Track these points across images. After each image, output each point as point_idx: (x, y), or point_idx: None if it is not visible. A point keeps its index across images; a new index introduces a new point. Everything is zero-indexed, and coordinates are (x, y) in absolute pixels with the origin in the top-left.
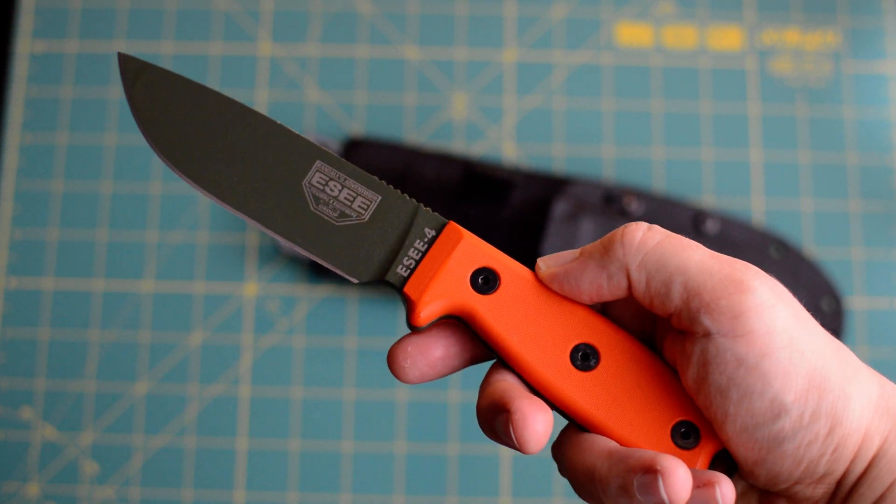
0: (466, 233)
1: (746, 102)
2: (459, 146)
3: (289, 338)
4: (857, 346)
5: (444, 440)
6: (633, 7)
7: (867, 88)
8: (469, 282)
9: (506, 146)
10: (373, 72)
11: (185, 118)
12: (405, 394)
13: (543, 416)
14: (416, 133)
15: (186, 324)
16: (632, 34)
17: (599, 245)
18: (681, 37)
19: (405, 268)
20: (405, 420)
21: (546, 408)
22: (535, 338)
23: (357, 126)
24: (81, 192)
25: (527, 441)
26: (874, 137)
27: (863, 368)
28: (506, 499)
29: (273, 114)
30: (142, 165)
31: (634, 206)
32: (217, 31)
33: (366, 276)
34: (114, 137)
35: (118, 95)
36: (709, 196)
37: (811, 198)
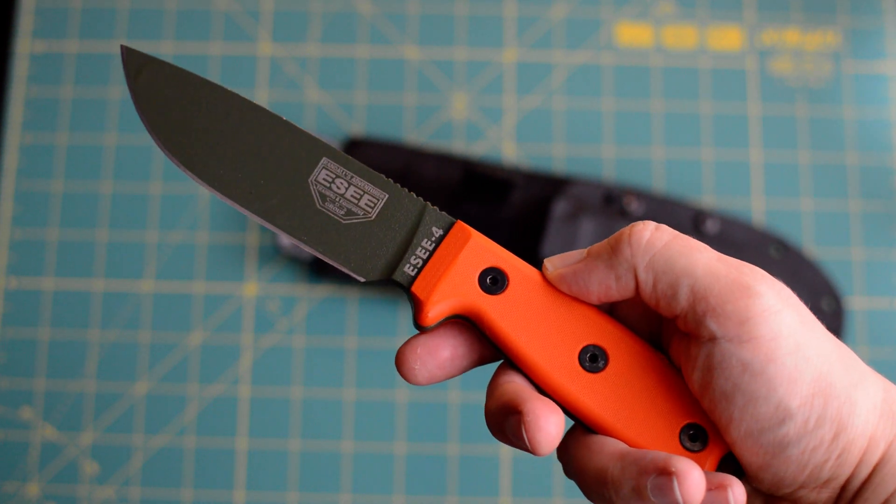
0: (474, 232)
1: (746, 102)
2: (459, 146)
3: (289, 338)
4: (857, 346)
5: (444, 440)
6: (633, 7)
7: (867, 88)
8: (477, 282)
9: (506, 146)
10: (373, 72)
11: (189, 112)
12: (405, 394)
13: (556, 418)
14: (416, 133)
15: (186, 324)
16: (632, 34)
17: (607, 245)
18: (681, 37)
19: (413, 267)
20: (405, 420)
21: (557, 409)
22: (544, 339)
23: (357, 126)
24: (81, 192)
25: (539, 443)
26: (874, 137)
27: (868, 373)
28: (506, 499)
29: None
30: (142, 165)
31: (634, 206)
32: (217, 31)
33: (373, 275)
34: (114, 137)
35: (118, 95)
36: (709, 196)
37: (811, 198)
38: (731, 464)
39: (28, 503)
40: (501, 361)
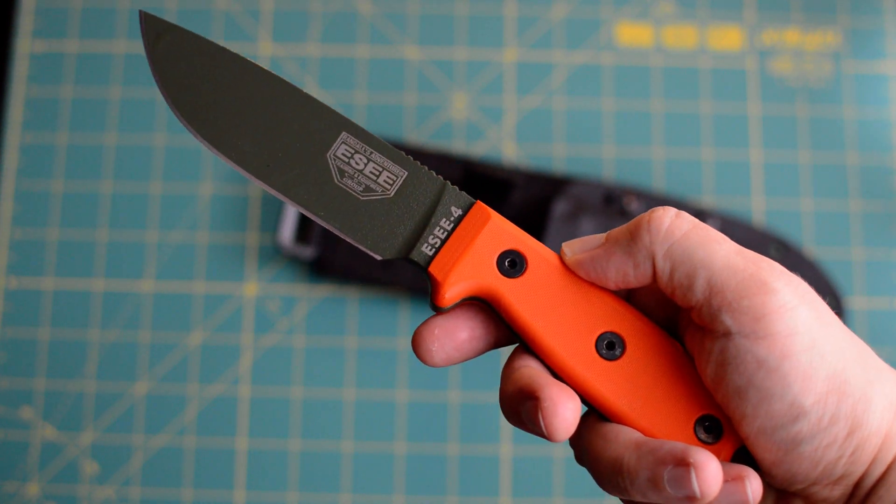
0: (494, 213)
1: (746, 102)
2: (459, 146)
3: (289, 338)
4: None
5: (444, 440)
6: (633, 7)
7: (867, 88)
8: (496, 264)
9: (506, 146)
10: (373, 72)
11: (208, 81)
12: (405, 394)
13: (573, 404)
14: (416, 133)
15: (186, 324)
16: (632, 34)
17: (626, 231)
18: (681, 37)
19: (430, 247)
20: (405, 420)
21: (574, 395)
22: (561, 324)
23: None
24: (81, 192)
25: (556, 429)
26: (874, 137)
27: (885, 370)
28: (506, 499)
29: None
30: (142, 165)
31: (634, 206)
32: (217, 31)
33: (389, 253)
34: (114, 137)
35: (118, 95)
36: (709, 196)
37: (811, 198)
38: (745, 457)
39: (28, 503)
40: (517, 345)
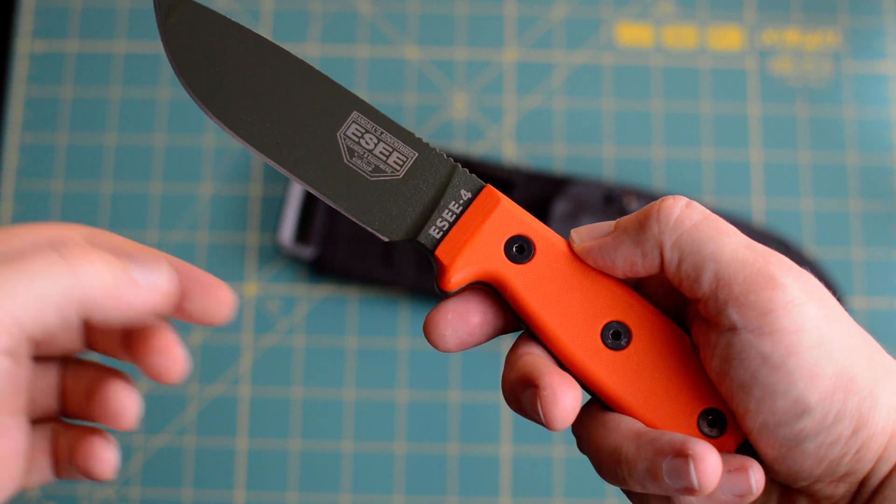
0: (503, 198)
1: (746, 102)
2: (459, 146)
3: (289, 338)
4: None
5: (444, 440)
6: (633, 7)
7: (867, 88)
8: (503, 250)
9: (506, 146)
10: (373, 72)
11: (220, 57)
12: (405, 394)
13: (573, 394)
14: (416, 133)
15: (186, 323)
16: (632, 34)
17: (635, 220)
18: (681, 37)
19: (438, 229)
20: (405, 420)
21: (575, 384)
22: (567, 312)
23: None
24: (81, 192)
25: (555, 418)
26: (874, 137)
27: (893, 368)
28: (506, 499)
29: None
30: (142, 165)
31: (634, 206)
32: None
33: (397, 235)
34: (114, 137)
35: (118, 95)
36: (709, 196)
37: (811, 198)
38: (749, 452)
39: (28, 503)
40: (523, 331)
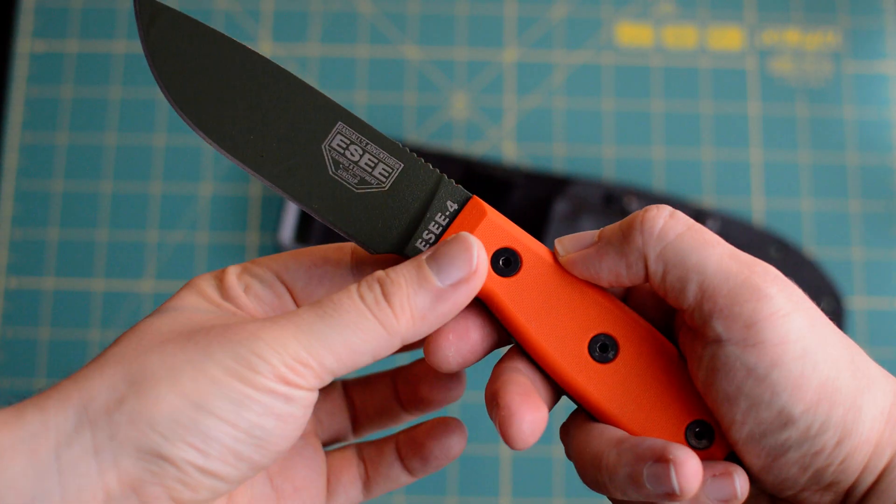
0: (490, 209)
1: (746, 102)
2: (460, 146)
3: None
4: None
5: None
6: (633, 7)
7: (867, 88)
8: (490, 263)
9: (506, 146)
10: (373, 72)
11: (203, 67)
12: None
13: (532, 417)
14: (417, 133)
15: None
16: (632, 34)
17: (618, 230)
18: (681, 37)
19: (424, 242)
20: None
21: (538, 407)
22: (554, 325)
23: None
24: (81, 192)
25: (511, 438)
26: (874, 137)
27: (879, 378)
28: (506, 499)
29: None
30: (142, 165)
31: (634, 206)
32: None
33: (382, 248)
34: (114, 137)
35: (118, 95)
36: (709, 196)
37: (811, 198)
38: (737, 461)
39: None
40: (512, 346)
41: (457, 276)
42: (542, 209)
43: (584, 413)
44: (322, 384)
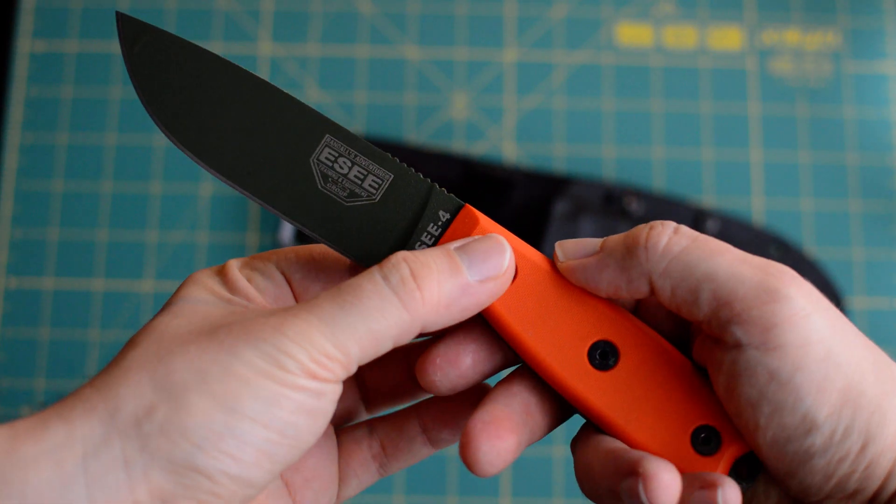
0: (482, 217)
1: (746, 102)
2: (460, 146)
3: None
4: None
5: None
6: (633, 7)
7: (867, 88)
8: None
9: (506, 146)
10: (373, 72)
11: (187, 85)
12: None
13: (490, 445)
14: (417, 133)
15: None
16: (632, 34)
17: (622, 244)
18: (681, 37)
19: None
20: None
21: (502, 436)
22: (553, 334)
23: (357, 126)
24: (81, 192)
25: (471, 464)
26: (874, 137)
27: None
28: (506, 499)
29: None
30: (142, 165)
31: (634, 206)
32: (217, 31)
33: (376, 262)
34: (114, 137)
35: (118, 95)
36: (709, 196)
37: (811, 198)
38: (751, 465)
39: None
40: (515, 368)
41: (487, 273)
42: (542, 209)
43: (592, 426)
44: (348, 374)
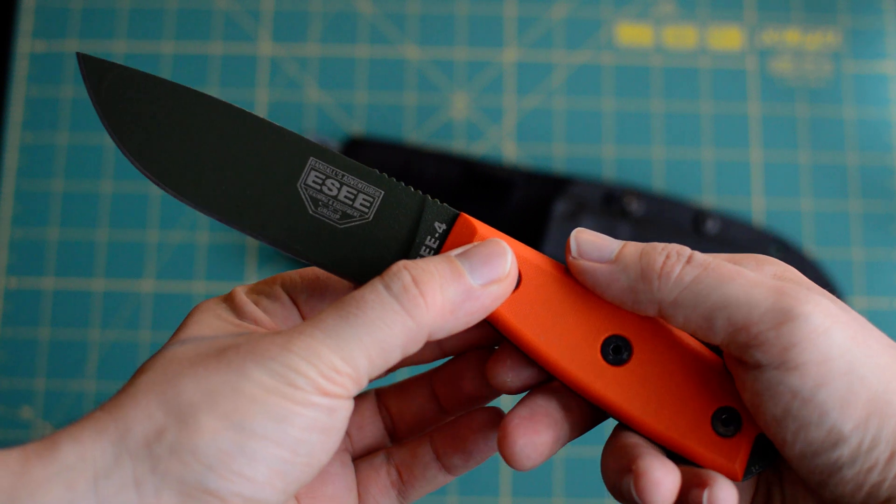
0: (480, 225)
1: (746, 102)
2: (460, 146)
3: None
4: None
5: None
6: (633, 7)
7: (867, 88)
8: None
9: (506, 146)
10: (373, 72)
11: (160, 121)
12: None
13: (526, 440)
14: (417, 133)
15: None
16: (632, 34)
17: (637, 264)
18: (681, 37)
19: None
20: None
21: (538, 431)
22: (564, 334)
23: (357, 126)
24: (81, 192)
25: (508, 458)
26: (874, 137)
27: None
28: (506, 499)
29: (273, 114)
30: None
31: (634, 206)
32: (217, 31)
33: None
34: None
35: None
36: (709, 196)
37: (811, 198)
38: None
39: None
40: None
41: (489, 277)
42: (542, 209)
43: (618, 423)
44: (360, 389)
